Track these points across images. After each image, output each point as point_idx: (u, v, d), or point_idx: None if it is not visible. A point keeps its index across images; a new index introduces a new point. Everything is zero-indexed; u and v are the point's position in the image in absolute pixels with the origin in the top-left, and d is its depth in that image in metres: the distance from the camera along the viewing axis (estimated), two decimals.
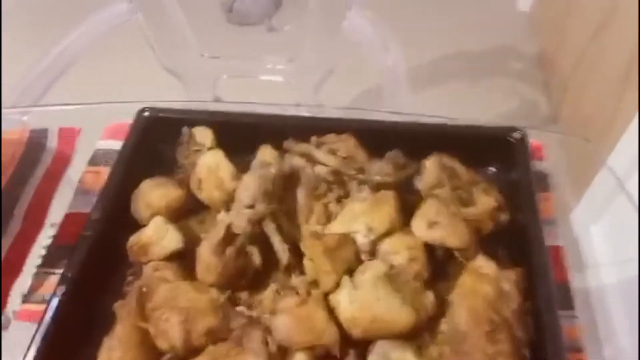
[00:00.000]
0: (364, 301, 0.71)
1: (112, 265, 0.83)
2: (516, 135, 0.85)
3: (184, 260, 0.82)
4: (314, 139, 0.91)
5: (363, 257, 0.80)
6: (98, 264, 0.81)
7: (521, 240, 0.77)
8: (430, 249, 0.79)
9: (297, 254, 0.82)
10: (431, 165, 0.84)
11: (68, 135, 1.06)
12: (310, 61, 1.66)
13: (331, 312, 0.73)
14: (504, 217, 0.81)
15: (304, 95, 1.73)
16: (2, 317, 0.82)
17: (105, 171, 0.95)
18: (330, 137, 0.91)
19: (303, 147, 0.91)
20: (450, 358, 0.65)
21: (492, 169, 0.89)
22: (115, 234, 0.84)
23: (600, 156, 0.96)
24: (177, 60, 1.72)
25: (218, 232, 0.80)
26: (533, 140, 0.89)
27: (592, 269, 0.84)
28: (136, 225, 0.87)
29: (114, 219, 0.85)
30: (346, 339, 0.71)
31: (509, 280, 0.71)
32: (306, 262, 0.79)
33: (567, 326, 0.70)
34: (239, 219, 0.81)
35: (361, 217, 0.82)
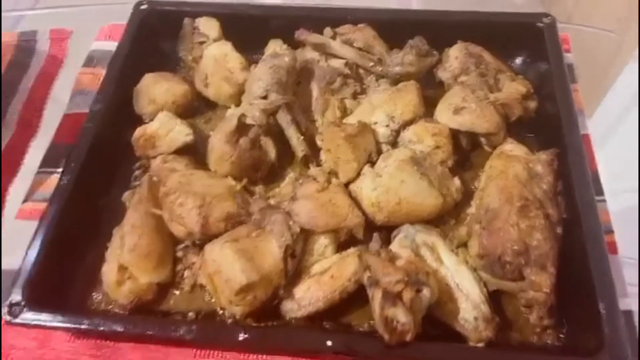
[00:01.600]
0: (388, 185, 0.67)
1: (117, 160, 0.78)
2: (547, 20, 0.79)
3: (193, 156, 0.78)
4: (327, 29, 0.85)
5: (384, 148, 0.76)
6: (102, 158, 0.76)
7: (552, 127, 0.73)
8: (455, 137, 0.75)
9: (313, 148, 0.77)
10: (457, 52, 0.79)
11: (59, 37, 0.98)
12: None
13: (353, 200, 0.69)
14: (532, 104, 0.77)
15: None
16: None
17: (101, 72, 0.88)
18: (346, 28, 0.85)
19: (316, 38, 0.84)
20: (481, 235, 0.62)
21: (520, 59, 0.84)
22: (118, 129, 0.79)
23: (628, 49, 0.91)
24: None
25: (230, 123, 0.75)
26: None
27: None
28: (140, 122, 0.81)
29: (116, 114, 0.80)
30: (369, 226, 0.68)
31: (541, 161, 0.68)
32: (324, 153, 0.75)
33: (600, 209, 0.68)
34: (251, 109, 0.76)
35: (381, 107, 0.77)
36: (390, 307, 0.55)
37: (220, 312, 0.65)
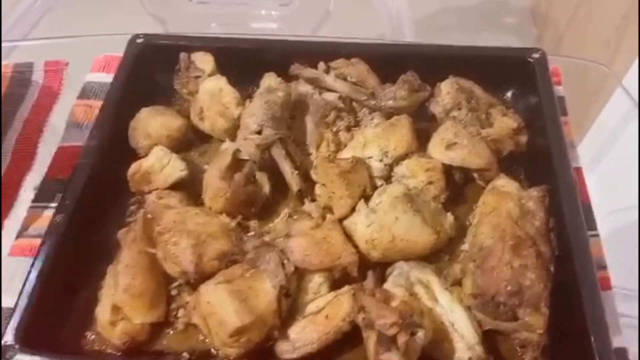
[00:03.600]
0: (382, 221, 0.68)
1: (111, 195, 0.78)
2: (536, 55, 0.81)
3: (187, 191, 0.78)
4: (321, 64, 0.86)
5: (378, 182, 0.76)
6: (96, 194, 0.76)
7: (543, 161, 0.74)
8: (448, 172, 0.75)
9: (307, 182, 0.78)
10: (448, 87, 0.80)
11: (54, 69, 0.99)
12: (305, 4, 1.58)
13: (347, 237, 0.70)
14: (523, 138, 0.78)
15: None
16: None
17: (96, 104, 0.89)
18: (340, 62, 0.86)
19: (310, 72, 0.85)
20: (474, 274, 0.63)
21: (510, 93, 0.86)
22: (113, 164, 0.79)
23: (616, 79, 0.93)
24: (163, 4, 1.63)
25: (225, 158, 0.75)
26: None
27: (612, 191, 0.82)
28: (135, 156, 0.81)
29: (111, 148, 0.80)
30: (364, 263, 0.69)
31: (532, 197, 0.68)
32: (318, 188, 0.75)
33: (592, 243, 0.68)
34: (246, 145, 0.77)
35: (375, 141, 0.78)
36: (385, 351, 0.55)
37: (215, 352, 0.64)
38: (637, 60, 1.54)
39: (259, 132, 0.77)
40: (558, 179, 0.70)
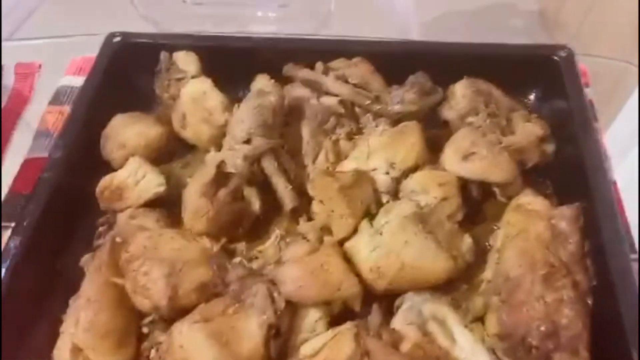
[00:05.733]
0: (389, 246, 0.58)
1: (78, 215, 0.68)
2: (563, 53, 0.71)
3: (166, 209, 0.68)
4: (319, 64, 0.77)
5: (384, 199, 0.66)
6: (61, 213, 0.66)
7: (575, 173, 0.64)
8: (464, 186, 0.66)
9: (303, 198, 0.68)
10: (463, 89, 0.71)
11: (26, 72, 0.90)
12: (304, 5, 1.49)
13: (349, 262, 0.60)
14: (550, 147, 0.68)
15: None
16: None
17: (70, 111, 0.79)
18: (340, 62, 0.76)
19: (307, 73, 0.76)
20: (500, 309, 0.53)
21: (533, 96, 0.76)
22: (81, 178, 0.70)
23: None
24: (155, 6, 1.55)
25: (208, 172, 0.65)
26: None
27: None
28: (108, 169, 0.72)
29: (79, 160, 0.71)
30: (368, 294, 0.59)
31: (565, 217, 0.58)
32: (316, 205, 0.65)
33: (635, 270, 0.58)
34: (232, 156, 0.67)
35: (380, 152, 0.68)
36: None
37: None
38: None
39: (248, 142, 0.68)
40: (594, 194, 0.60)
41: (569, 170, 0.66)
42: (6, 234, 0.69)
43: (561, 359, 0.49)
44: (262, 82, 0.78)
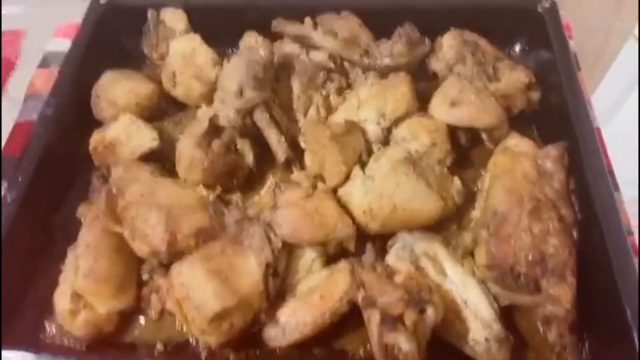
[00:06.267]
0: (381, 188, 0.60)
1: (73, 170, 0.69)
2: (546, 4, 0.73)
3: (160, 164, 0.69)
4: (308, 19, 0.77)
5: (375, 147, 0.68)
6: (55, 170, 0.66)
7: (559, 119, 0.66)
8: (453, 133, 0.67)
9: (295, 151, 0.69)
10: (451, 40, 0.72)
11: (11, 38, 0.89)
12: None
13: (342, 207, 0.61)
14: (535, 95, 0.70)
15: None
16: None
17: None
18: (328, 17, 0.77)
19: (296, 28, 0.76)
20: (489, 242, 0.55)
21: (518, 47, 0.78)
22: (74, 135, 0.70)
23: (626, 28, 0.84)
24: None
25: (201, 125, 0.66)
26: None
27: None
28: (99, 127, 0.72)
29: (71, 118, 0.71)
30: (361, 236, 0.60)
31: (550, 156, 0.60)
32: (308, 156, 0.66)
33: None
34: (224, 109, 0.68)
35: (370, 102, 0.69)
36: (390, 332, 0.47)
37: (194, 341, 0.56)
38: None
39: (240, 95, 0.68)
40: (578, 136, 0.62)
41: (553, 116, 0.68)
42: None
43: (549, 284, 0.52)
44: (250, 38, 0.78)
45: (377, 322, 0.47)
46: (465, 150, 0.69)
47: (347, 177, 0.64)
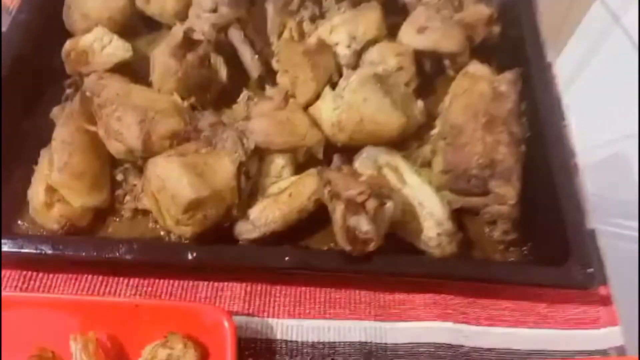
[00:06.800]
0: (350, 102, 0.63)
1: (44, 77, 0.69)
2: None
3: (133, 76, 0.69)
4: None
5: (345, 70, 0.71)
6: (26, 75, 0.66)
7: (516, 51, 0.71)
8: (419, 60, 0.71)
9: (268, 72, 0.72)
10: None
11: None
12: None
13: (313, 122, 0.65)
14: (496, 29, 0.74)
15: None
16: None
17: None
18: None
19: None
20: (446, 151, 0.60)
21: None
22: (46, 43, 0.69)
23: None
24: None
25: (176, 36, 0.67)
26: None
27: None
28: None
29: (42, 26, 0.70)
30: (330, 148, 0.64)
31: (505, 80, 0.65)
32: (281, 75, 0.69)
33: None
34: (199, 23, 0.69)
35: (342, 27, 0.72)
36: (352, 215, 0.51)
37: (166, 236, 0.59)
38: None
39: (215, 11, 0.69)
40: (532, 65, 0.68)
41: (511, 48, 0.73)
42: None
43: (496, 185, 0.57)
44: None
45: (342, 209, 0.51)
46: (430, 77, 0.73)
47: (318, 96, 0.67)
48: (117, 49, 0.68)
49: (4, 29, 0.72)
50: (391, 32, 0.74)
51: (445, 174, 0.59)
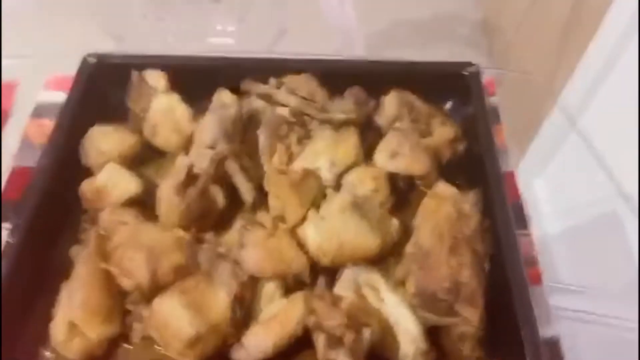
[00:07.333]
0: (331, 229, 0.72)
1: (64, 213, 0.79)
2: (471, 69, 0.88)
3: (142, 207, 0.80)
4: (272, 80, 0.90)
5: (328, 191, 0.80)
6: (49, 213, 0.76)
7: (478, 167, 0.80)
8: (393, 179, 0.80)
9: (261, 194, 0.81)
10: (391, 100, 0.85)
11: (6, 90, 0.98)
12: (261, 19, 1.63)
13: (299, 244, 0.73)
14: (461, 146, 0.84)
15: None
16: None
17: (49, 124, 0.89)
18: (290, 78, 0.90)
19: (262, 88, 0.89)
20: (416, 274, 0.67)
21: (449, 104, 0.92)
22: (66, 182, 0.80)
23: (551, 93, 1.01)
24: (118, 21, 1.64)
25: (179, 173, 0.77)
26: (485, 76, 0.91)
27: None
28: (88, 173, 0.82)
29: (63, 167, 0.81)
30: (315, 268, 0.72)
31: (468, 201, 0.74)
32: (271, 199, 0.78)
33: (523, 242, 0.75)
34: (199, 159, 0.79)
35: (324, 153, 0.82)
36: (332, 349, 0.58)
37: None
38: (574, 74, 1.66)
39: (213, 147, 0.80)
40: (490, 182, 0.76)
41: (474, 164, 0.82)
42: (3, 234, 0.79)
43: (461, 307, 0.64)
44: (222, 96, 0.90)
45: (323, 341, 0.59)
46: (404, 193, 0.82)
47: (304, 218, 0.76)
48: (127, 185, 0.79)
49: (28, 163, 0.84)
50: (368, 148, 0.84)
51: (417, 297, 0.66)
